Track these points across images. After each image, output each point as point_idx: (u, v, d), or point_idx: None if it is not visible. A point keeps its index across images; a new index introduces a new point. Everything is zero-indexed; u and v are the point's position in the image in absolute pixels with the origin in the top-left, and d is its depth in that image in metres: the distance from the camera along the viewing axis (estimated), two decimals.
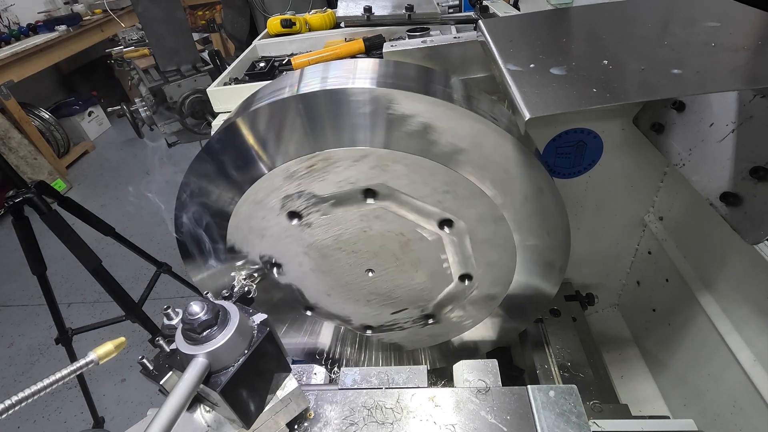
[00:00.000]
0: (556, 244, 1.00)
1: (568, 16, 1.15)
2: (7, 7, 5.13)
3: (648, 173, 1.38)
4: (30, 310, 3.51)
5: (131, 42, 2.93)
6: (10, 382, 2.98)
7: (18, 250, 1.87)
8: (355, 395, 0.86)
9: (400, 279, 1.08)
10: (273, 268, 1.10)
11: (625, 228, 1.54)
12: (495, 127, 0.83)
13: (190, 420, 0.73)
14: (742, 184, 0.92)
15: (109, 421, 2.58)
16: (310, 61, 1.43)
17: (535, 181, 0.90)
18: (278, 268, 1.10)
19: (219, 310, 0.65)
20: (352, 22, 1.74)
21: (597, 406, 1.05)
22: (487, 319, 1.17)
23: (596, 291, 1.57)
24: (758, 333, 1.06)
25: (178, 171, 1.01)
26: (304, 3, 2.78)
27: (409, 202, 0.94)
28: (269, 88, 0.93)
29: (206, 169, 0.95)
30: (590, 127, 1.27)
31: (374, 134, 0.86)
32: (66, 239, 1.90)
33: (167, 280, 2.63)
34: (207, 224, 1.02)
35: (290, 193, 0.95)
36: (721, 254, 1.19)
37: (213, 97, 1.40)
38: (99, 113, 6.18)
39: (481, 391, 0.84)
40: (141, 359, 0.72)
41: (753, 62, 0.79)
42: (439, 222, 0.97)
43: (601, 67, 0.82)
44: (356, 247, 1.03)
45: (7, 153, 4.55)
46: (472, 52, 1.20)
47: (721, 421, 1.17)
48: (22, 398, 0.51)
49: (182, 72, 2.30)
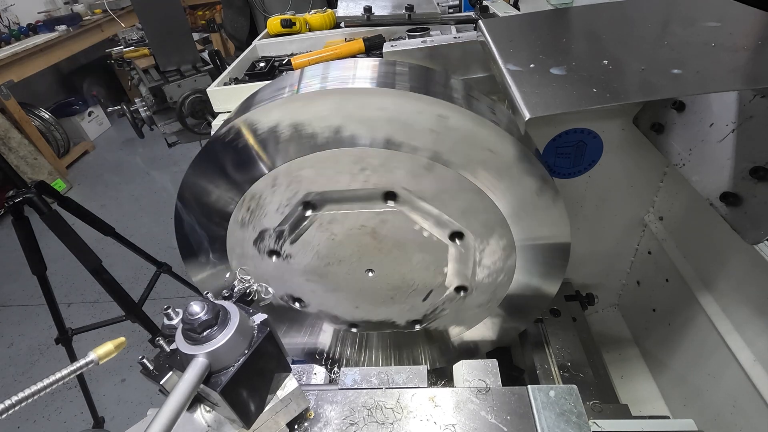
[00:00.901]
0: (556, 244, 1.00)
1: (568, 16, 1.15)
2: (7, 7, 5.13)
3: (648, 173, 1.38)
4: (30, 310, 3.51)
5: (131, 42, 2.93)
6: (10, 382, 2.98)
7: (18, 250, 1.87)
8: (355, 395, 0.86)
9: (399, 265, 1.06)
10: (297, 303, 1.14)
11: (625, 228, 1.54)
12: (497, 128, 0.84)
13: (190, 420, 0.73)
14: (742, 184, 0.92)
15: (109, 421, 2.58)
16: (310, 61, 1.43)
17: (536, 181, 0.90)
18: (300, 302, 1.14)
19: (219, 310, 0.65)
20: (352, 22, 1.74)
21: (597, 406, 1.05)
22: (487, 319, 1.17)
23: (596, 291, 1.57)
24: (758, 333, 1.06)
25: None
26: (304, 3, 2.78)
27: (344, 198, 0.95)
28: (269, 88, 0.93)
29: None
30: (590, 127, 1.27)
31: (275, 156, 0.89)
32: (66, 239, 1.90)
33: (167, 280, 2.63)
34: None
35: (254, 237, 1.00)
36: (721, 254, 1.19)
37: (213, 97, 1.40)
38: (99, 113, 6.18)
39: (481, 391, 0.84)
40: (141, 359, 0.71)
41: (753, 62, 0.79)
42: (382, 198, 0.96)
43: (601, 67, 0.82)
44: (338, 255, 1.03)
45: (7, 153, 4.55)
46: (472, 52, 1.20)
47: (721, 421, 1.17)
48: (22, 398, 0.51)
49: (182, 72, 2.30)
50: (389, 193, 0.94)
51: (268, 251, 1.03)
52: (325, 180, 0.91)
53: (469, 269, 1.04)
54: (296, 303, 1.15)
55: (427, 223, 0.96)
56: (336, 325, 1.21)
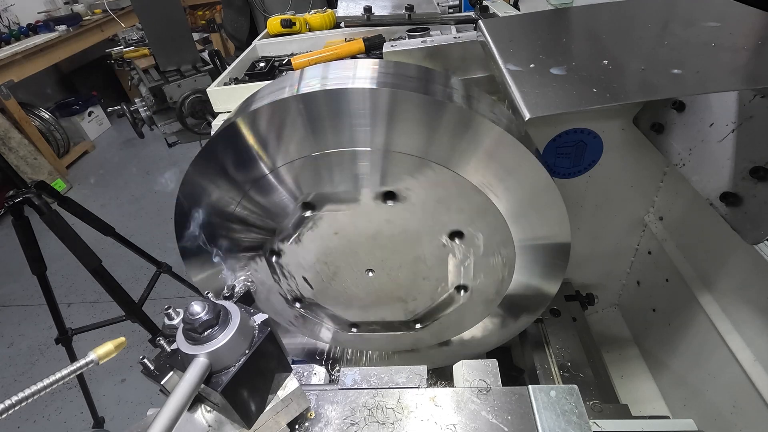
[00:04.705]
0: (556, 244, 1.00)
1: (568, 16, 1.15)
2: (7, 7, 5.12)
3: (648, 173, 1.38)
4: (30, 310, 3.51)
5: (131, 42, 2.93)
6: (10, 382, 2.98)
7: (18, 250, 1.87)
8: (356, 395, 0.86)
9: (400, 265, 1.06)
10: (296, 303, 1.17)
11: (625, 228, 1.54)
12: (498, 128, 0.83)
13: (191, 420, 0.73)
14: (742, 184, 0.92)
15: (109, 421, 2.58)
16: (310, 61, 1.43)
17: (536, 182, 0.90)
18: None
19: (220, 310, 0.65)
20: (352, 22, 1.74)
21: (597, 406, 1.05)
22: (487, 319, 1.17)
23: (596, 291, 1.57)
24: (758, 333, 1.06)
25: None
26: (304, 3, 2.78)
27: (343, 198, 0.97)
28: (269, 88, 0.93)
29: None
30: (590, 127, 1.27)
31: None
32: (66, 239, 1.90)
33: (167, 280, 2.63)
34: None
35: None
36: (721, 254, 1.19)
37: (213, 97, 1.40)
38: (99, 113, 6.18)
39: (481, 391, 0.84)
40: (142, 359, 0.72)
41: (753, 62, 0.79)
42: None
43: (601, 67, 0.82)
44: (338, 254, 1.03)
45: (7, 153, 4.55)
46: (472, 52, 1.20)
47: (721, 421, 1.17)
48: (22, 398, 0.51)
49: (182, 72, 2.30)
50: (388, 193, 0.94)
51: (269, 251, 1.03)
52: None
53: (469, 269, 1.04)
54: (296, 303, 1.15)
55: (427, 222, 0.96)
56: (336, 325, 1.21)
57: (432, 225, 0.97)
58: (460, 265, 1.03)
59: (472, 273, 1.04)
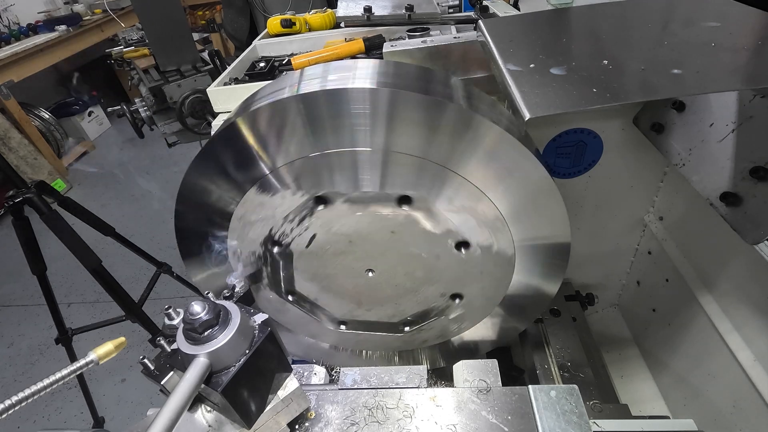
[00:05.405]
0: (556, 244, 1.00)
1: (568, 16, 1.15)
2: (7, 7, 5.12)
3: (648, 173, 1.38)
4: (30, 310, 3.51)
5: (131, 42, 2.93)
6: (10, 382, 2.98)
7: (18, 250, 1.87)
8: (356, 395, 0.86)
9: (401, 267, 1.06)
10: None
11: (625, 228, 1.54)
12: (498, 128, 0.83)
13: (191, 420, 0.73)
14: (742, 184, 0.92)
15: (109, 421, 2.58)
16: (310, 61, 1.43)
17: (536, 182, 0.90)
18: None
19: (220, 310, 0.65)
20: (352, 22, 1.74)
21: (597, 406, 1.05)
22: (487, 319, 1.17)
23: (596, 291, 1.57)
24: (758, 333, 1.06)
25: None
26: (304, 3, 2.78)
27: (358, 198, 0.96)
28: (269, 88, 0.93)
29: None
30: (590, 127, 1.27)
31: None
32: (66, 239, 1.90)
33: (167, 280, 2.63)
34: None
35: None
36: (721, 254, 1.19)
37: (213, 97, 1.40)
38: (99, 113, 6.18)
39: (482, 391, 0.84)
40: (142, 359, 0.72)
41: (753, 62, 0.79)
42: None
43: (601, 67, 0.82)
44: (340, 254, 1.03)
45: (7, 153, 4.55)
46: (472, 52, 1.20)
47: (721, 421, 1.17)
48: (22, 398, 0.51)
49: (182, 72, 2.30)
50: (404, 197, 0.93)
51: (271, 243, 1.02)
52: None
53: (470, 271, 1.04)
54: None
55: (437, 227, 0.96)
56: (328, 321, 1.20)
57: (438, 229, 0.97)
58: (459, 268, 1.03)
59: (471, 275, 1.04)
